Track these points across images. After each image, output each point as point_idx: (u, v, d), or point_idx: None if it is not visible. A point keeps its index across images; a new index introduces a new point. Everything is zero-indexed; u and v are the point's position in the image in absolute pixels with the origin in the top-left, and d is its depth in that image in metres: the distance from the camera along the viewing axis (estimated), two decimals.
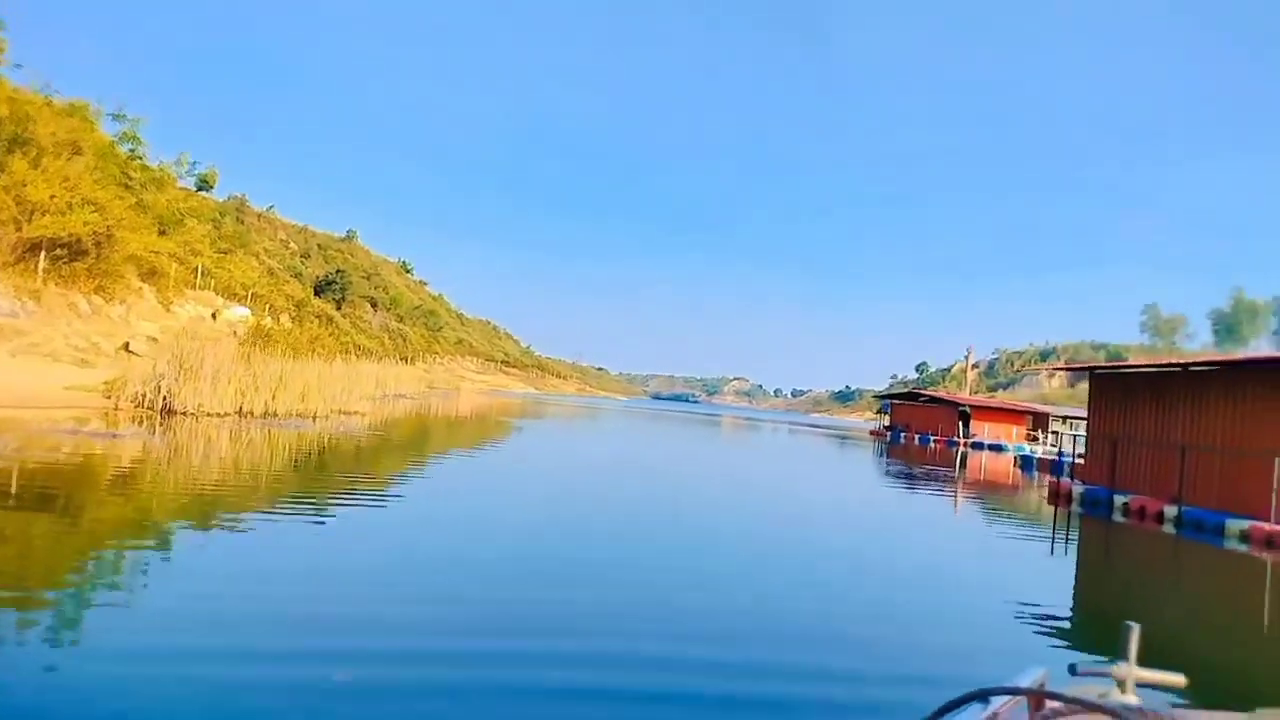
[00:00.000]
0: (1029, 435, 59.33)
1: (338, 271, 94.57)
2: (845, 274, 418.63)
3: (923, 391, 69.81)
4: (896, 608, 8.08)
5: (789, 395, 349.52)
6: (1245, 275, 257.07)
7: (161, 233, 53.71)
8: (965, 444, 56.28)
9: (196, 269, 52.07)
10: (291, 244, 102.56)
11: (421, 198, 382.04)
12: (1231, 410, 15.38)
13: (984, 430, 58.12)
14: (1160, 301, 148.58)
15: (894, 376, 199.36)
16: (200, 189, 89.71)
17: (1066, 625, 8.13)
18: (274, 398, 22.48)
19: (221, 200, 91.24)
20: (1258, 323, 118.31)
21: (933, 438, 58.16)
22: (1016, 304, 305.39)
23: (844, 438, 62.31)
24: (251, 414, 21.31)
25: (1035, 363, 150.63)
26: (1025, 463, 37.74)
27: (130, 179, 40.60)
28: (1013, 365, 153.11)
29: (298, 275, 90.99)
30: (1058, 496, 20.56)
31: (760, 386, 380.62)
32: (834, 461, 35.18)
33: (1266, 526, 13.90)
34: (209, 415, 20.13)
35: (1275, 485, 13.83)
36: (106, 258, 35.23)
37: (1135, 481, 18.08)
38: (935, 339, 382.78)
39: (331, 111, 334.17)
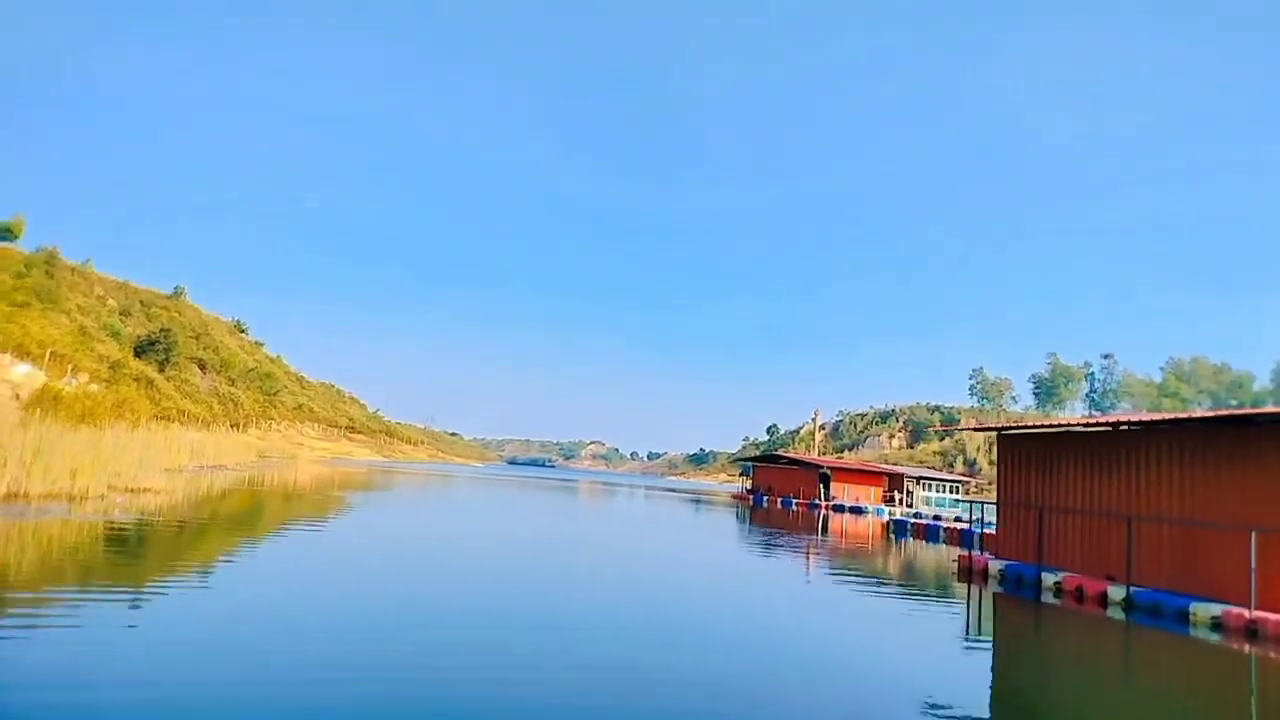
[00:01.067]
0: (885, 496, 58.88)
1: (162, 331, 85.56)
2: (695, 339, 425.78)
3: (783, 454, 68.60)
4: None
5: (645, 458, 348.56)
6: (1059, 342, 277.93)
7: None
8: (826, 506, 54.99)
9: None
10: (110, 300, 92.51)
11: (256, 254, 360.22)
12: (1182, 475, 13.31)
13: (844, 492, 57.18)
14: (986, 366, 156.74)
15: (746, 438, 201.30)
16: (2, 239, 79.96)
17: None
18: (27, 475, 17.31)
19: (29, 252, 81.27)
20: (1072, 386, 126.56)
21: (795, 501, 56.62)
22: (856, 368, 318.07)
23: (703, 501, 59.91)
24: None
25: (875, 425, 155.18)
26: (897, 528, 36.09)
27: None
28: (855, 427, 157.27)
29: (115, 334, 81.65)
30: (971, 573, 18.17)
31: (617, 450, 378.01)
32: (702, 530, 32.11)
33: (1247, 614, 11.68)
34: None
35: (1254, 564, 11.67)
36: None
37: (1066, 557, 15.85)
38: (783, 402, 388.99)
39: (157, 162, 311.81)
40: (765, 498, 59.34)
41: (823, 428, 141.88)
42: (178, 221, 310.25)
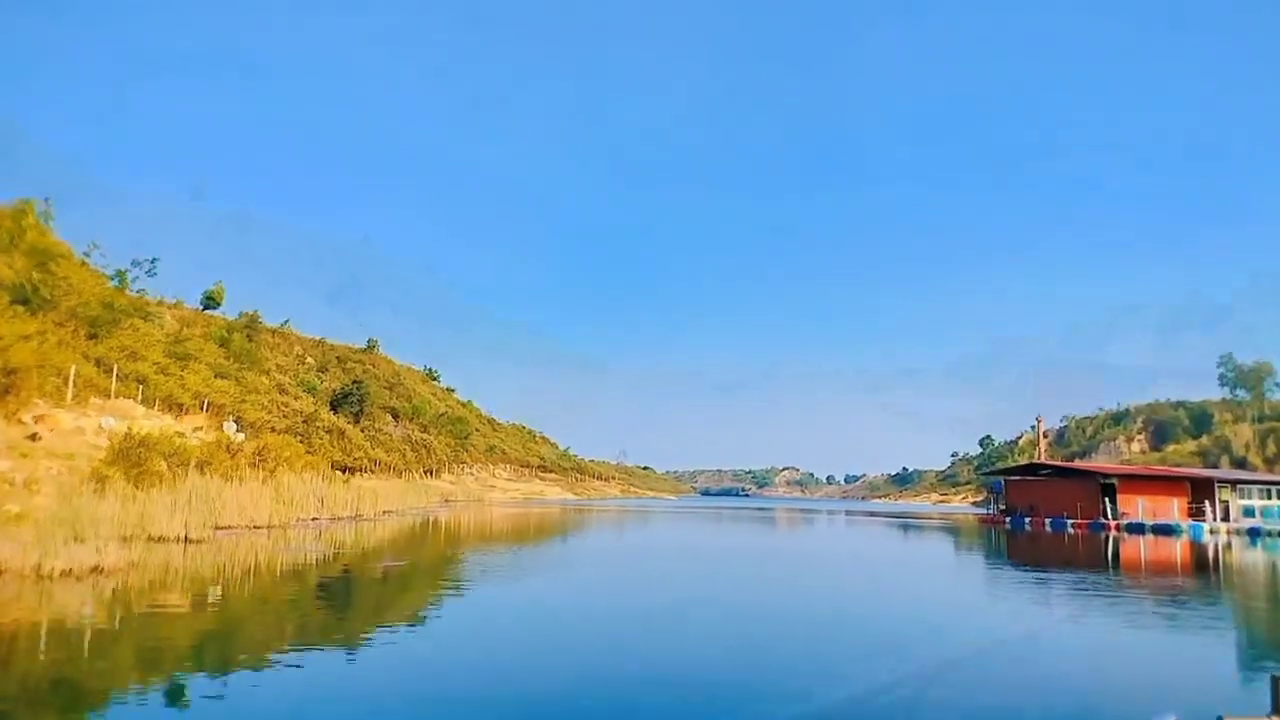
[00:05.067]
0: (1191, 508, 42.73)
1: (355, 383, 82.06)
2: (892, 351, 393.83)
3: (1047, 464, 53.18)
4: None
5: (842, 482, 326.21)
6: None
7: (92, 336, 41.72)
8: (1116, 527, 39.81)
9: (113, 374, 39.05)
10: (308, 358, 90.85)
11: (444, 303, 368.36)
12: None
13: (1136, 507, 41.64)
14: (1235, 352, 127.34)
15: (955, 454, 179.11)
16: (207, 307, 79.46)
17: None
18: None
19: (231, 318, 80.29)
20: None
21: (1069, 521, 41.70)
22: (1076, 369, 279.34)
23: (921, 526, 46.23)
24: None
25: (1108, 428, 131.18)
26: None
27: None
28: (1084, 432, 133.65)
29: (311, 390, 78.63)
30: None
31: (812, 475, 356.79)
32: (968, 574, 19.55)
33: None
34: None
35: None
36: None
37: None
38: (994, 414, 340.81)
39: (348, 219, 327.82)
40: (1027, 519, 44.57)
41: (1045, 435, 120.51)
42: (370, 273, 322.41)
